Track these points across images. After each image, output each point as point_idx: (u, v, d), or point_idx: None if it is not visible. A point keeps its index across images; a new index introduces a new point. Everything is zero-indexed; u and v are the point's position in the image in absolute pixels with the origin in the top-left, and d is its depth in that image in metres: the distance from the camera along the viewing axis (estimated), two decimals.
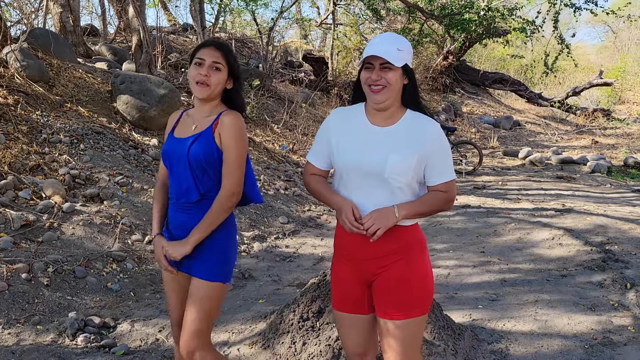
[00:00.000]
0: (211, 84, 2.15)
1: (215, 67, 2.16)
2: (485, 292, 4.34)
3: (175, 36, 14.81)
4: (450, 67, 17.36)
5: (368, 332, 2.21)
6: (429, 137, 2.02)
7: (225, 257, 2.23)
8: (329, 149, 2.13)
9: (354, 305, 2.16)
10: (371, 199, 2.02)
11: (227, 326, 3.69)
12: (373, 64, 1.99)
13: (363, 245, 2.06)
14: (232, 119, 2.17)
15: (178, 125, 2.29)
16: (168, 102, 7.37)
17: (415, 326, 2.08)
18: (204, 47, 2.20)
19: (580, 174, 10.37)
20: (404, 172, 1.99)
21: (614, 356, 3.20)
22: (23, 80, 6.68)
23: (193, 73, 2.17)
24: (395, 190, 2.02)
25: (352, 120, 2.11)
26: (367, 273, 2.10)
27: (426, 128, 2.03)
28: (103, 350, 3.40)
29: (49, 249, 4.39)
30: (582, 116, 18.13)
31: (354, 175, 2.05)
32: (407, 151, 2.00)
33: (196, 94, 2.18)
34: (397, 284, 2.05)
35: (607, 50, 32.85)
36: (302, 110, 11.56)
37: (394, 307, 2.05)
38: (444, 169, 2.05)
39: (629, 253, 5.01)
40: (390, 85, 1.98)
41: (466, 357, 3.21)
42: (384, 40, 2.00)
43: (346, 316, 2.18)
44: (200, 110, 2.24)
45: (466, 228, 6.39)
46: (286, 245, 5.78)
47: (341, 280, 2.16)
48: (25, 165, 5.33)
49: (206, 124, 2.19)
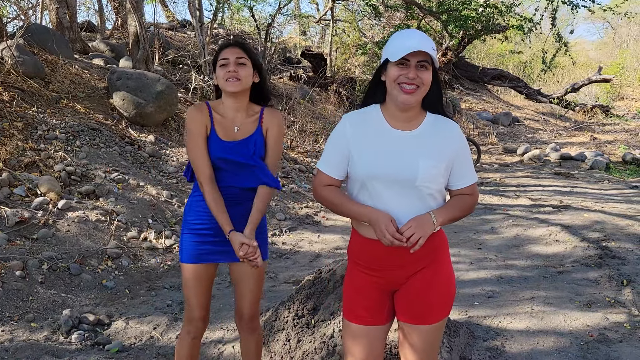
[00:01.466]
0: (241, 77, 2.28)
1: (240, 62, 2.29)
2: (481, 288, 4.33)
3: (173, 32, 14.77)
4: (449, 64, 17.31)
5: (379, 343, 2.08)
6: (454, 140, 1.95)
7: (267, 237, 2.55)
8: (345, 157, 1.99)
9: (371, 315, 2.04)
10: (402, 207, 1.91)
11: (222, 324, 3.68)
12: (410, 60, 1.84)
13: (390, 254, 1.95)
14: (278, 117, 2.42)
15: (216, 126, 2.35)
16: (165, 99, 7.34)
17: (440, 329, 2.04)
18: (225, 48, 2.33)
19: (579, 171, 10.36)
20: (435, 178, 1.90)
21: (610, 353, 3.19)
22: (19, 76, 6.65)
23: (221, 73, 2.29)
24: (426, 197, 1.92)
25: (369, 125, 1.97)
26: (394, 282, 2.01)
27: (450, 130, 1.96)
28: (97, 347, 3.39)
29: (43, 246, 4.38)
30: (581, 112, 18.11)
31: (381, 183, 1.92)
32: (438, 156, 1.91)
33: (229, 89, 2.29)
34: (425, 289, 1.98)
35: (606, 47, 32.81)
36: (300, 106, 11.53)
37: (421, 313, 1.98)
38: (468, 172, 1.99)
39: (626, 250, 5.01)
40: (424, 86, 1.87)
41: (461, 354, 3.20)
42: (419, 36, 1.86)
43: (363, 328, 2.05)
44: (235, 109, 2.36)
45: (463, 225, 6.38)
46: (283, 242, 5.77)
47: (359, 289, 2.04)
48: (21, 162, 5.31)
49: (252, 124, 2.37)
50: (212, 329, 3.57)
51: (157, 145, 7.03)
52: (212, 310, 3.71)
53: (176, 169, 6.59)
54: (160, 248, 4.99)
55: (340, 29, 16.10)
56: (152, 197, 5.63)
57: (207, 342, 3.39)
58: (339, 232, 6.12)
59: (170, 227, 5.34)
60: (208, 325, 2.61)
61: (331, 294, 3.19)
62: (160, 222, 5.34)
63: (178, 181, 6.33)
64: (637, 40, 28.46)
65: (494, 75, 18.62)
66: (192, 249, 2.41)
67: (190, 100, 8.98)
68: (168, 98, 7.41)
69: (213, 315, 3.70)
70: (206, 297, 2.49)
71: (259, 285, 2.50)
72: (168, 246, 5.04)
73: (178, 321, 3.73)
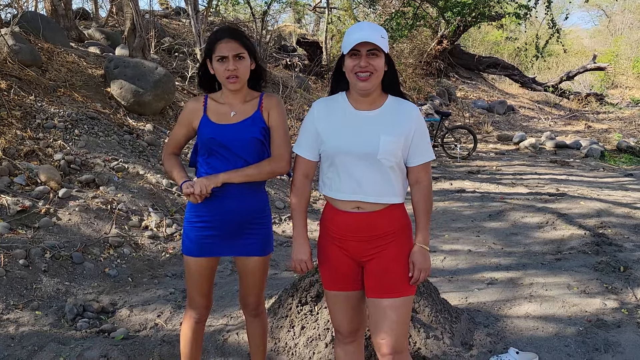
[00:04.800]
0: (240, 75, 2.30)
1: (239, 57, 2.29)
2: (481, 275, 4.38)
3: (168, 20, 14.66)
4: (445, 52, 17.30)
5: (360, 307, 2.30)
6: (412, 118, 2.12)
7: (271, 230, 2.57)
8: (315, 139, 2.19)
9: (346, 282, 2.23)
10: (366, 179, 2.10)
11: (225, 311, 3.72)
12: (360, 50, 2.02)
13: (358, 227, 2.14)
14: (278, 101, 2.43)
15: (209, 112, 2.38)
16: (162, 87, 7.32)
17: (407, 304, 2.17)
18: (220, 42, 2.28)
19: (574, 159, 10.43)
20: (394, 152, 2.08)
21: (608, 338, 3.25)
22: (15, 64, 6.61)
23: (220, 70, 2.29)
24: (387, 170, 2.10)
25: (336, 109, 2.17)
26: (361, 254, 2.17)
27: (409, 110, 2.14)
28: (102, 335, 3.42)
29: (45, 235, 4.39)
30: (576, 101, 18.17)
31: (347, 158, 2.11)
32: (396, 132, 2.09)
33: (230, 87, 2.32)
34: (391, 264, 2.14)
35: (600, 34, 32.85)
36: (296, 95, 11.51)
37: (388, 286, 2.13)
38: (424, 151, 2.15)
39: (622, 236, 5.07)
40: (377, 72, 2.05)
41: (463, 340, 3.25)
42: (367, 28, 2.05)
43: (339, 294, 2.25)
44: (233, 97, 2.38)
45: (461, 212, 6.43)
46: (282, 230, 5.80)
47: (331, 259, 2.23)
48: (20, 151, 5.30)
49: (251, 108, 2.37)
50: (216, 317, 3.61)
51: (156, 133, 7.02)
52: (215, 297, 3.74)
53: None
54: (161, 236, 5.01)
55: (336, 16, 16.03)
56: (152, 186, 5.64)
57: (210, 330, 3.42)
58: None
59: (171, 216, 5.36)
60: (212, 313, 2.66)
61: None
62: (161, 210, 5.36)
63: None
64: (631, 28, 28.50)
65: (490, 63, 18.61)
66: (194, 242, 2.43)
67: (187, 89, 8.96)
68: (166, 86, 7.38)
69: (215, 302, 3.73)
70: (208, 287, 2.54)
71: (263, 277, 2.55)
72: (169, 234, 5.06)
73: (181, 309, 3.76)
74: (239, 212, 2.39)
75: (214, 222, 2.39)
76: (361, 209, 2.13)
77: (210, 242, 2.42)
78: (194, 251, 2.44)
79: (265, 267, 2.53)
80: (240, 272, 2.54)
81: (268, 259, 2.54)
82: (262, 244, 2.47)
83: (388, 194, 2.12)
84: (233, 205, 2.37)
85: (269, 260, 2.56)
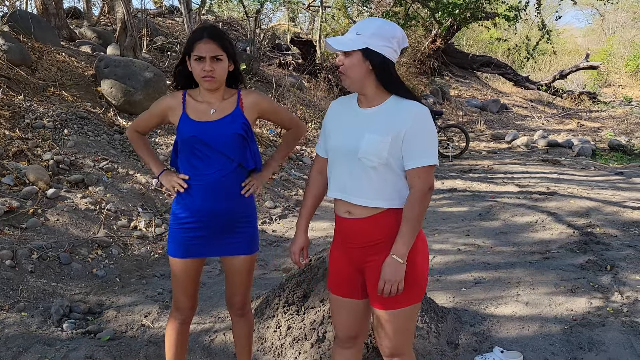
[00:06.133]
0: (217, 76, 2.29)
1: (216, 58, 2.28)
2: (469, 274, 4.39)
3: (161, 19, 14.62)
4: (438, 50, 17.32)
5: (361, 317, 2.24)
6: (408, 117, 1.96)
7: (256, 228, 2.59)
8: (325, 135, 2.21)
9: (348, 289, 2.20)
10: (345, 177, 2.07)
11: (212, 311, 3.71)
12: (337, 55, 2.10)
13: (352, 233, 2.10)
14: (258, 93, 2.50)
15: (188, 110, 2.37)
16: (153, 86, 7.30)
17: (405, 314, 2.09)
18: (199, 42, 2.26)
19: (566, 157, 10.47)
20: (378, 152, 1.96)
21: (592, 336, 3.27)
22: (4, 64, 6.58)
23: (197, 70, 2.28)
24: (368, 170, 2.00)
25: (346, 107, 2.17)
26: (357, 260, 2.13)
27: (407, 109, 1.98)
28: (88, 336, 3.40)
29: (33, 235, 4.37)
30: (569, 99, 18.24)
31: (336, 155, 2.10)
32: (383, 131, 1.98)
33: (206, 87, 2.33)
34: None
35: (594, 33, 32.95)
36: (290, 94, 11.50)
37: (385, 298, 2.05)
38: (417, 154, 1.97)
39: (610, 235, 5.10)
40: (346, 71, 2.03)
41: (449, 339, 3.26)
42: (349, 31, 2.07)
43: (340, 299, 2.22)
44: (211, 95, 2.38)
45: (451, 212, 6.45)
46: (273, 230, 5.80)
47: (336, 263, 2.21)
48: (8, 151, 5.27)
49: (230, 105, 2.39)
50: (203, 317, 3.60)
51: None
52: (202, 298, 3.75)
53: (165, 157, 6.57)
54: (150, 237, 5.00)
55: (330, 15, 16.02)
56: (142, 186, 5.62)
57: (197, 330, 3.42)
58: (328, 219, 6.15)
59: (160, 216, 5.35)
60: (199, 313, 2.66)
61: (321, 281, 3.23)
62: (150, 210, 5.35)
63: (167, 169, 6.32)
64: (624, 27, 28.62)
65: (483, 62, 18.66)
66: (179, 243, 2.42)
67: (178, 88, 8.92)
68: (156, 86, 7.36)
69: (203, 303, 3.74)
70: (194, 288, 2.54)
71: (249, 276, 2.55)
72: (158, 235, 5.05)
73: (169, 309, 3.75)
74: (226, 212, 2.39)
75: (200, 222, 2.39)
76: (351, 214, 2.07)
77: (196, 242, 2.42)
78: (180, 252, 2.43)
79: (251, 265, 2.54)
80: (227, 272, 2.54)
81: (254, 257, 2.55)
82: (249, 243, 2.48)
83: (373, 197, 2.01)
84: (220, 205, 2.37)
85: (255, 259, 2.57)
